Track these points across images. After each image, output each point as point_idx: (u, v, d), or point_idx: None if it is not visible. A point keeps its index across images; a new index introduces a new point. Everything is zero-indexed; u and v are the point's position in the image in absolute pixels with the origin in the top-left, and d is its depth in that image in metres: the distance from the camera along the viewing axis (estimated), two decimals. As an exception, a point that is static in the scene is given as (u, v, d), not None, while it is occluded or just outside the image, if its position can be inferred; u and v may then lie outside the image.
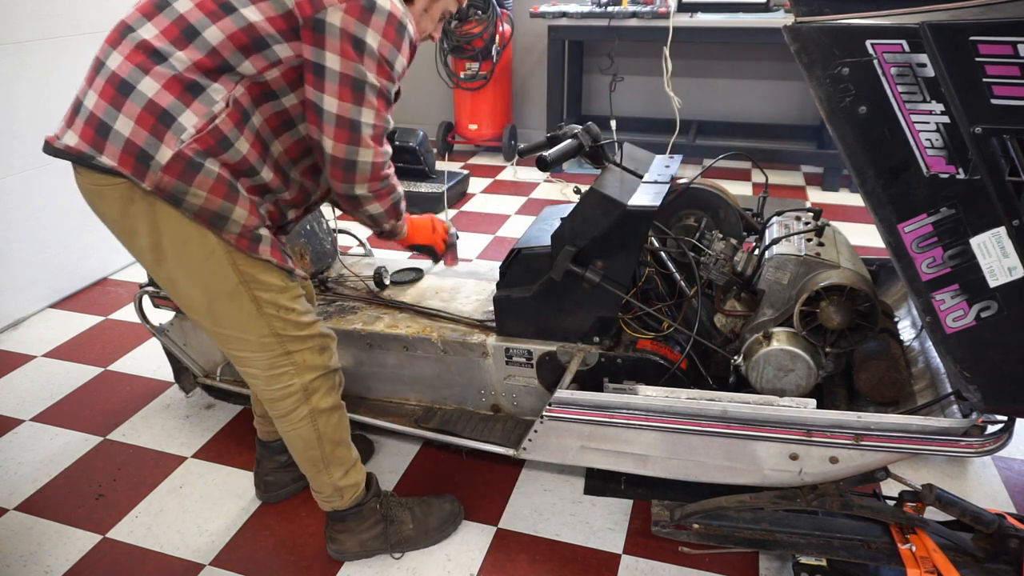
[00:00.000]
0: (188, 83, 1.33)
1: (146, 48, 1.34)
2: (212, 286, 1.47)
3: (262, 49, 1.35)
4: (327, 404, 1.63)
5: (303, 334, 1.56)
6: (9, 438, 2.25)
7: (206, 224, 1.40)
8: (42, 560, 1.79)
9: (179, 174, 1.34)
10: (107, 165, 1.34)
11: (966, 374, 1.35)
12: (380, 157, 1.48)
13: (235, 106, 1.36)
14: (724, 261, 1.83)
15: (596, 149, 1.89)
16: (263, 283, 1.49)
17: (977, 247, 1.24)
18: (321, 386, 1.61)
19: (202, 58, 1.33)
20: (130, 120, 1.32)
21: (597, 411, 1.68)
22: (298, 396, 1.59)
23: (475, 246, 3.54)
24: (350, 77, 1.37)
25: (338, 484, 1.69)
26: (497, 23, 4.42)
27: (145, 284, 2.19)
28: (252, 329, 1.51)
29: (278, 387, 1.58)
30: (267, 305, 1.50)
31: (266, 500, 1.96)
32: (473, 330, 1.98)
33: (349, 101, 1.39)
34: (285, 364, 1.56)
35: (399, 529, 1.77)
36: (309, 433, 1.62)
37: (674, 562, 1.73)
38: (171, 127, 1.32)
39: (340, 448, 1.68)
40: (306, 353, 1.57)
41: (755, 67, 4.60)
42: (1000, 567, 1.56)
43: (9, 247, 2.86)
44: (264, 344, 1.53)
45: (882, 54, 1.17)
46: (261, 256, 1.46)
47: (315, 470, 1.67)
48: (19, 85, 2.81)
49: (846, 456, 1.53)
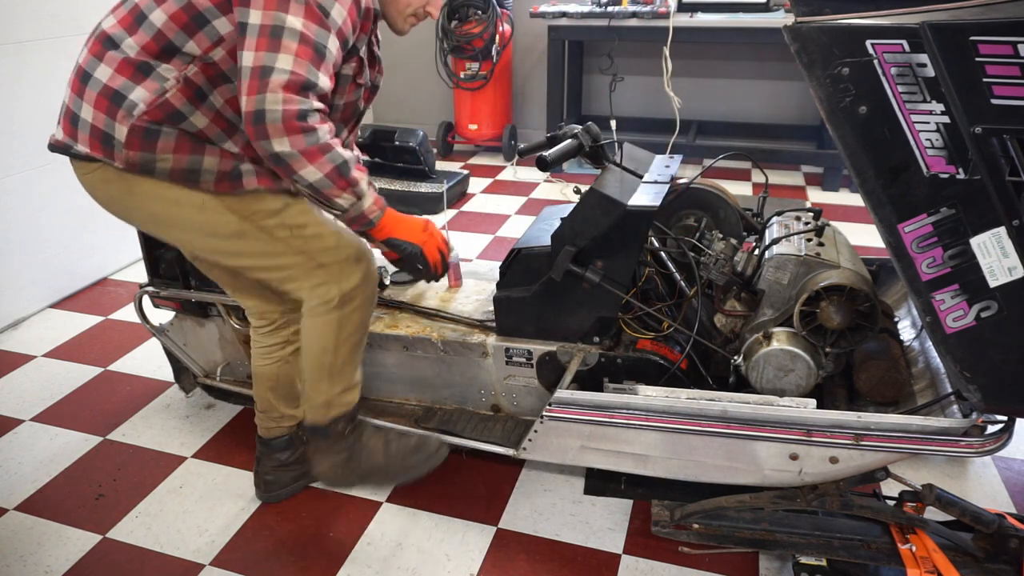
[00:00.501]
0: (138, 64, 1.39)
1: (103, 38, 1.42)
2: (220, 232, 1.52)
3: (203, 26, 1.37)
4: (357, 317, 1.66)
5: (330, 244, 1.58)
6: (9, 438, 2.25)
7: (183, 182, 1.45)
8: (42, 560, 1.79)
9: (140, 146, 1.40)
10: (82, 152, 1.44)
11: (966, 374, 1.35)
12: (293, 105, 1.30)
13: (187, 83, 1.40)
14: (724, 261, 1.83)
15: (596, 149, 1.89)
16: (261, 210, 1.52)
17: (977, 247, 1.24)
18: (357, 296, 1.63)
19: (149, 41, 1.38)
20: (90, 106, 1.41)
21: (597, 411, 1.68)
22: (334, 303, 1.61)
23: (475, 246, 3.54)
24: (268, 26, 1.30)
25: (331, 399, 1.70)
26: (497, 23, 4.42)
27: (145, 284, 2.19)
28: (276, 255, 1.56)
29: (318, 297, 1.61)
30: (277, 229, 1.53)
31: (266, 500, 1.96)
32: (473, 330, 1.98)
33: (264, 49, 1.30)
34: (322, 275, 1.59)
35: (369, 457, 1.74)
36: (329, 339, 1.64)
37: (674, 562, 1.73)
38: (122, 105, 1.39)
39: (349, 365, 1.71)
40: (343, 264, 1.60)
41: (755, 67, 4.60)
42: (1000, 567, 1.56)
43: (9, 247, 2.86)
44: (294, 263, 1.57)
45: (882, 54, 1.17)
46: (247, 188, 1.49)
47: (318, 376, 1.69)
48: (19, 85, 2.81)
49: (846, 456, 1.53)
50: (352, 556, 1.78)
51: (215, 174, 1.46)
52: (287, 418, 1.90)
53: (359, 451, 1.75)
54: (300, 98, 1.32)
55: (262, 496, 1.96)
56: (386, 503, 1.94)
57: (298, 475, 1.95)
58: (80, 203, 3.10)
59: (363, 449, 1.75)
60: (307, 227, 1.56)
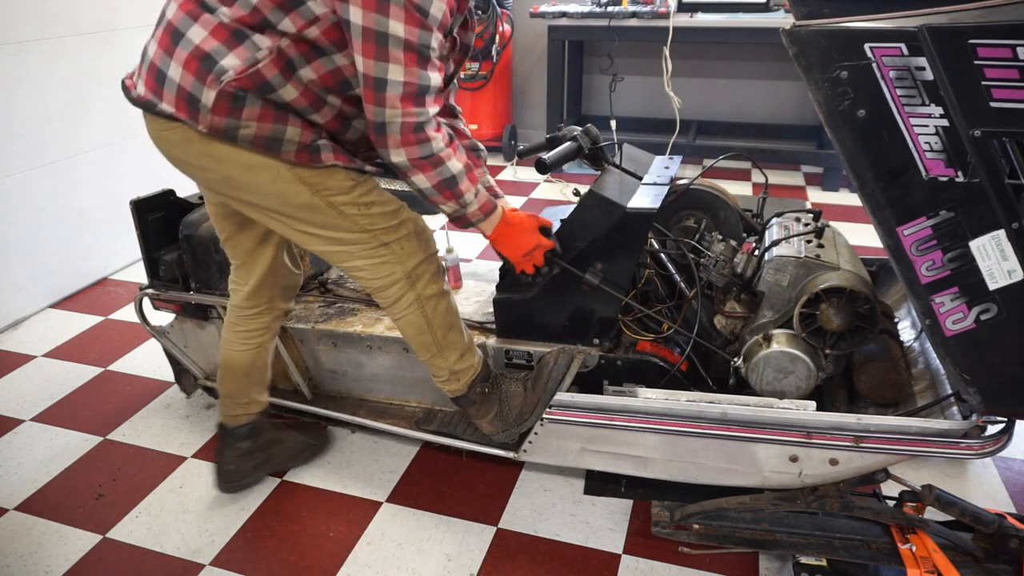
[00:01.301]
0: (234, 30, 1.38)
1: (197, 0, 1.40)
2: (290, 202, 1.54)
3: (298, 6, 1.36)
4: (432, 291, 1.69)
5: (393, 223, 1.61)
6: (9, 438, 2.26)
7: (263, 150, 1.46)
8: (42, 560, 1.80)
9: (227, 112, 1.40)
10: (167, 111, 1.43)
11: (966, 376, 1.35)
12: (411, 118, 1.39)
13: (279, 55, 1.39)
14: (724, 262, 1.83)
15: (595, 151, 1.89)
16: (333, 187, 1.54)
17: (976, 250, 1.24)
18: (425, 272, 1.67)
19: (244, 15, 1.37)
20: (179, 66, 1.40)
21: (597, 413, 1.68)
22: (402, 283, 1.65)
23: (475, 246, 3.54)
24: (372, 31, 1.31)
25: (454, 368, 1.76)
26: (497, 23, 4.41)
27: (145, 286, 2.19)
28: (342, 230, 1.58)
29: (382, 275, 1.64)
30: (346, 206, 1.56)
31: (227, 491, 1.97)
32: (473, 332, 1.98)
33: (372, 57, 1.33)
34: (384, 254, 1.62)
35: (512, 404, 1.82)
36: (419, 319, 1.69)
37: (674, 562, 1.73)
38: (213, 70, 1.38)
39: (452, 333, 1.74)
40: (403, 241, 1.63)
41: (755, 67, 4.60)
42: (1000, 567, 1.56)
43: (9, 247, 2.87)
44: (358, 239, 1.60)
45: (881, 57, 1.17)
46: (325, 163, 1.51)
47: (429, 354, 1.75)
48: (19, 85, 2.81)
49: (846, 458, 1.53)
50: (352, 556, 1.78)
51: (296, 144, 1.47)
52: (255, 404, 1.94)
53: (504, 401, 1.81)
54: (417, 109, 1.39)
55: (223, 488, 1.96)
56: (386, 503, 1.94)
57: (259, 463, 1.97)
58: (80, 203, 3.13)
59: (506, 398, 1.82)
60: (374, 206, 1.59)
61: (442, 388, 1.83)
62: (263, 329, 1.86)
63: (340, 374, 2.15)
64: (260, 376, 1.93)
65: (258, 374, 1.91)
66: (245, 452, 1.95)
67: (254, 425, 1.95)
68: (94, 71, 3.07)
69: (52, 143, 2.95)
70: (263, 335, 1.87)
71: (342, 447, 2.16)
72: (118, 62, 3.14)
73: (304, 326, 2.07)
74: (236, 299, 1.85)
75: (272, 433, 2.01)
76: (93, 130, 3.12)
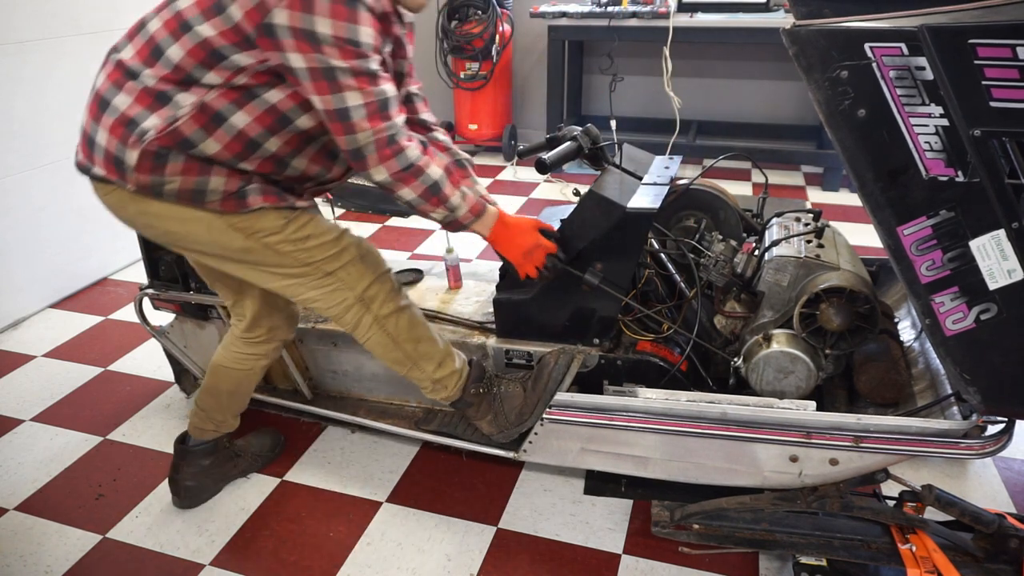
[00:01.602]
0: (157, 93, 1.42)
1: (122, 67, 1.46)
2: (229, 247, 1.57)
3: (220, 61, 1.39)
4: (388, 309, 1.69)
5: (332, 252, 1.62)
6: (9, 438, 2.26)
7: (189, 203, 1.49)
8: (42, 560, 1.80)
9: (150, 169, 1.44)
10: (99, 175, 1.50)
11: (966, 376, 1.35)
12: (382, 133, 1.43)
13: (203, 110, 1.42)
14: (724, 262, 1.83)
15: (595, 151, 1.89)
16: (265, 229, 1.56)
17: (976, 250, 1.24)
18: (378, 293, 1.68)
19: (167, 73, 1.41)
20: (105, 131, 1.45)
21: (597, 413, 1.68)
22: (357, 308, 1.67)
23: (475, 246, 3.54)
24: (318, 69, 1.35)
25: (434, 377, 1.77)
26: (497, 23, 4.41)
27: (145, 286, 2.19)
28: (284, 267, 1.61)
29: (335, 303, 1.67)
30: (281, 244, 1.58)
31: (185, 507, 1.94)
32: (473, 332, 1.98)
33: (328, 92, 1.37)
34: (331, 282, 1.64)
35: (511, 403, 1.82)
36: (383, 338, 1.71)
37: (674, 562, 1.73)
38: (134, 131, 1.42)
39: (421, 344, 1.75)
40: (348, 267, 1.64)
41: (755, 67, 4.60)
42: (1000, 567, 1.56)
43: (9, 247, 2.87)
44: (302, 273, 1.62)
45: (881, 57, 1.17)
46: (252, 207, 1.52)
47: (405, 369, 1.77)
48: (19, 85, 2.81)
49: (846, 458, 1.53)
50: (352, 556, 1.78)
51: (221, 194, 1.49)
52: (226, 425, 1.94)
53: (501, 402, 1.82)
54: (385, 123, 1.43)
55: (182, 504, 1.94)
56: (386, 503, 1.94)
57: (219, 477, 1.98)
58: (80, 203, 3.12)
59: (504, 398, 1.82)
60: (309, 239, 1.60)
61: (432, 398, 1.83)
62: (260, 355, 1.87)
63: (340, 374, 2.15)
64: (241, 401, 1.93)
65: (240, 398, 1.92)
66: (204, 469, 1.94)
67: (215, 444, 1.95)
68: (94, 71, 3.05)
69: (52, 143, 2.95)
70: (257, 360, 1.87)
71: (342, 447, 2.16)
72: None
73: (304, 326, 2.07)
74: (237, 330, 1.85)
75: (230, 449, 2.01)
76: (93, 130, 3.12)
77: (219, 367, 1.86)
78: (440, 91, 5.09)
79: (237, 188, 1.50)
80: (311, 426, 2.24)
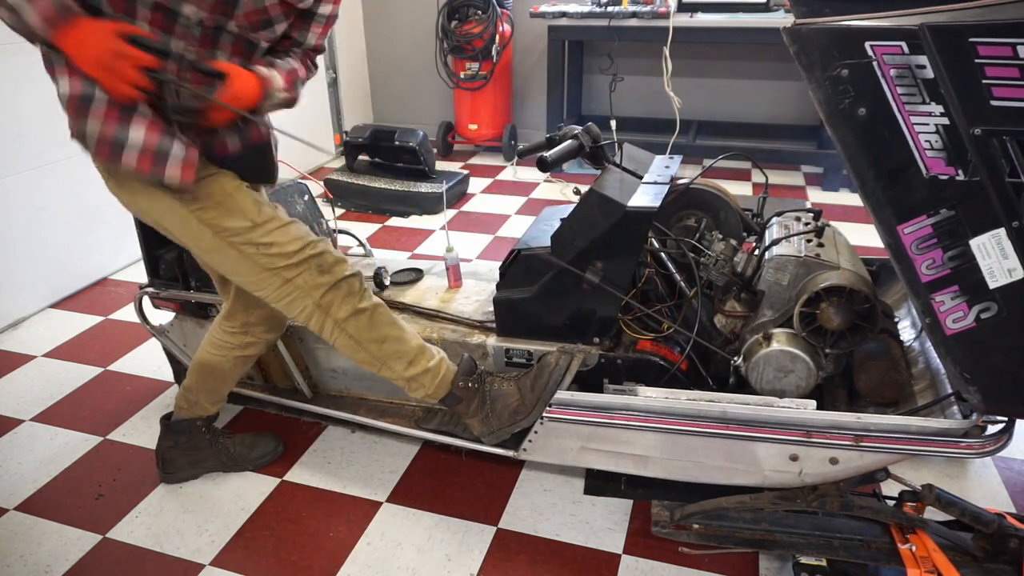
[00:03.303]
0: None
1: None
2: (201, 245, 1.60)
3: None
4: (345, 312, 1.68)
5: (293, 261, 1.62)
6: (9, 438, 2.26)
7: (113, 162, 1.42)
8: (42, 560, 1.80)
9: (76, 110, 1.38)
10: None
11: (966, 375, 1.35)
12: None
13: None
14: (724, 262, 1.83)
15: (596, 150, 1.89)
16: (229, 229, 1.57)
17: (977, 248, 1.24)
18: (333, 298, 1.67)
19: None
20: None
21: (597, 412, 1.68)
22: (318, 314, 1.67)
23: (475, 246, 3.54)
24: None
25: (406, 375, 1.75)
26: (497, 23, 4.42)
27: (145, 285, 2.19)
28: (247, 270, 1.62)
29: (296, 311, 1.67)
30: (245, 247, 1.59)
31: (164, 480, 2.03)
32: (473, 331, 1.98)
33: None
34: (290, 290, 1.64)
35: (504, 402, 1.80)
36: (346, 340, 1.71)
37: (674, 562, 1.73)
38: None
39: (387, 344, 1.73)
40: (304, 275, 1.64)
41: (755, 67, 4.60)
42: (1000, 567, 1.56)
43: (9, 247, 2.86)
44: (263, 279, 1.63)
45: (881, 56, 1.17)
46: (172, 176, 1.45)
47: (376, 368, 1.76)
48: (19, 85, 2.81)
49: (846, 457, 1.53)
50: (352, 556, 1.78)
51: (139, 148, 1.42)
52: (199, 407, 1.99)
53: (493, 400, 1.81)
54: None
55: (160, 475, 2.04)
56: (386, 503, 1.94)
57: (193, 462, 2.02)
58: (80, 203, 3.13)
59: (496, 397, 1.81)
60: (272, 246, 1.60)
61: (417, 397, 1.80)
62: (239, 345, 1.88)
63: (340, 373, 2.15)
64: (216, 388, 1.96)
65: (215, 383, 1.94)
66: (177, 446, 2.00)
67: (189, 424, 1.99)
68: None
69: (52, 143, 2.95)
70: (234, 350, 1.88)
71: (342, 447, 2.16)
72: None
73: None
74: (219, 315, 1.91)
75: (210, 437, 2.03)
76: (93, 130, 3.12)
77: (202, 347, 1.92)
78: (440, 91, 5.09)
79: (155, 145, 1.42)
80: (311, 426, 2.24)
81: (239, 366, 1.93)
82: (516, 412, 1.79)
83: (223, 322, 1.88)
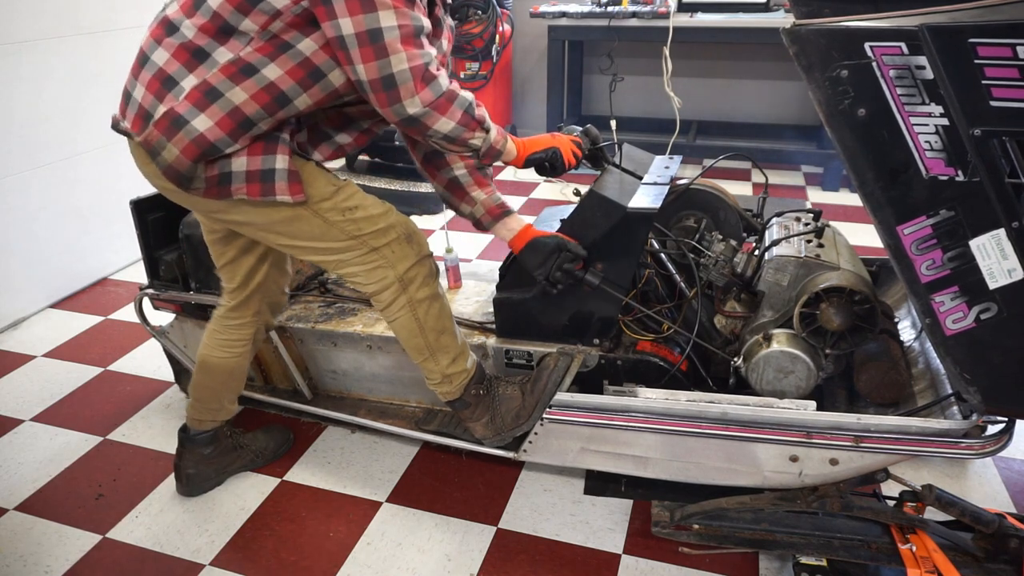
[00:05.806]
0: (194, 50, 1.41)
1: (164, 23, 1.45)
2: (274, 217, 1.55)
3: (256, 4, 1.36)
4: (424, 294, 1.68)
5: (380, 226, 1.61)
6: (9, 438, 2.26)
7: (174, 181, 1.46)
8: (42, 560, 1.80)
9: (164, 129, 1.42)
10: (124, 128, 1.49)
11: (966, 376, 1.35)
12: (419, 60, 1.34)
13: (235, 63, 1.40)
14: (724, 262, 1.83)
15: (595, 151, 1.89)
16: (314, 196, 1.55)
17: (976, 249, 1.24)
18: (417, 275, 1.67)
19: (206, 23, 1.39)
20: (143, 87, 1.44)
21: (597, 413, 1.68)
22: (395, 287, 1.66)
23: (475, 246, 3.54)
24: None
25: (446, 371, 1.76)
26: (497, 23, 4.41)
27: (145, 286, 2.19)
28: (329, 239, 1.59)
29: (375, 280, 1.65)
30: (330, 213, 1.57)
31: (187, 495, 1.98)
32: (473, 332, 1.98)
33: (360, 12, 1.29)
34: (376, 259, 1.63)
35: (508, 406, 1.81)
36: (411, 322, 1.69)
37: (674, 562, 1.73)
38: (172, 90, 1.42)
39: (444, 336, 1.73)
40: (393, 245, 1.63)
41: (755, 67, 4.60)
42: (1000, 567, 1.56)
43: (9, 247, 2.86)
44: (348, 247, 1.61)
45: (881, 56, 1.17)
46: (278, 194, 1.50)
47: (422, 357, 1.75)
48: (19, 85, 2.81)
49: (846, 458, 1.53)
50: (352, 556, 1.78)
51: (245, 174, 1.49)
52: (224, 412, 1.95)
53: (499, 404, 1.81)
54: (419, 50, 1.35)
55: (184, 491, 1.98)
56: (386, 503, 1.94)
57: (220, 468, 1.99)
58: (80, 203, 3.12)
59: (501, 401, 1.81)
60: (357, 210, 1.59)
61: (435, 391, 1.82)
62: (246, 339, 1.87)
63: (340, 374, 2.15)
64: (237, 385, 1.94)
65: (236, 383, 1.93)
66: (206, 458, 1.96)
67: (215, 433, 1.96)
68: (93, 71, 3.06)
69: (51, 143, 2.95)
70: (244, 344, 1.87)
71: (342, 447, 2.16)
72: (117, 62, 3.13)
73: (304, 326, 2.07)
74: (222, 310, 1.86)
75: (233, 440, 2.02)
76: (92, 130, 3.11)
77: (207, 357, 1.87)
78: (440, 91, 5.09)
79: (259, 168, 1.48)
80: (311, 426, 2.24)
81: (249, 359, 1.93)
82: (518, 416, 1.79)
83: (229, 319, 1.84)
